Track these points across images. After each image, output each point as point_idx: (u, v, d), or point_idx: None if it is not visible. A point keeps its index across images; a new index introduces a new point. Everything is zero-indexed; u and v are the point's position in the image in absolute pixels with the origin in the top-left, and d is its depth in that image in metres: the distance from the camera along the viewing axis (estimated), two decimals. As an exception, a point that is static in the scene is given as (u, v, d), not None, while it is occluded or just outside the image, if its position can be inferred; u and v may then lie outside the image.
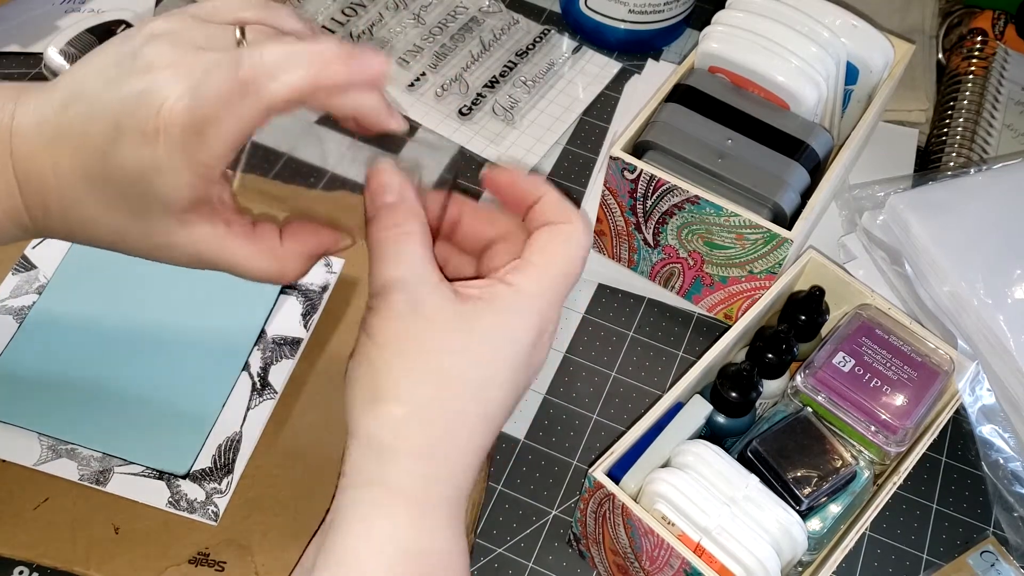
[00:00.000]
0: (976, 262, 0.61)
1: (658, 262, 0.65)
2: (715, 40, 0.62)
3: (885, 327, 0.56)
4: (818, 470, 0.50)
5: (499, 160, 0.73)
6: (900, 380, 0.54)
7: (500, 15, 0.81)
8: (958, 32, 0.81)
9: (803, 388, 0.55)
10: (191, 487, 0.54)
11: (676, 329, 0.66)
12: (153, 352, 0.58)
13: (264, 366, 0.58)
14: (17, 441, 0.54)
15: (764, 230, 0.57)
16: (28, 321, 0.58)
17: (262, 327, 0.59)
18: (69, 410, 0.55)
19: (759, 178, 0.59)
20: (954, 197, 0.65)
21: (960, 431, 0.63)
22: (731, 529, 0.46)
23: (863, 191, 0.68)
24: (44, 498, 0.53)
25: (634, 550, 0.50)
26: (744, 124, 0.61)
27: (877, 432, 0.53)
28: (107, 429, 0.55)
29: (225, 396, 0.57)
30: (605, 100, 0.78)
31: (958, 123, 0.74)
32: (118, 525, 0.53)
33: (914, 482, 0.61)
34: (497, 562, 0.56)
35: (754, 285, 0.61)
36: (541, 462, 0.60)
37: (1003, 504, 0.59)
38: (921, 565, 0.58)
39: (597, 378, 0.64)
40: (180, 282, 0.61)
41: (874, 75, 0.65)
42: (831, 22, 0.62)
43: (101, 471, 0.54)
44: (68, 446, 0.54)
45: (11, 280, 0.60)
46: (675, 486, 0.47)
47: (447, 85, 0.76)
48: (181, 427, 0.55)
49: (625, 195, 0.61)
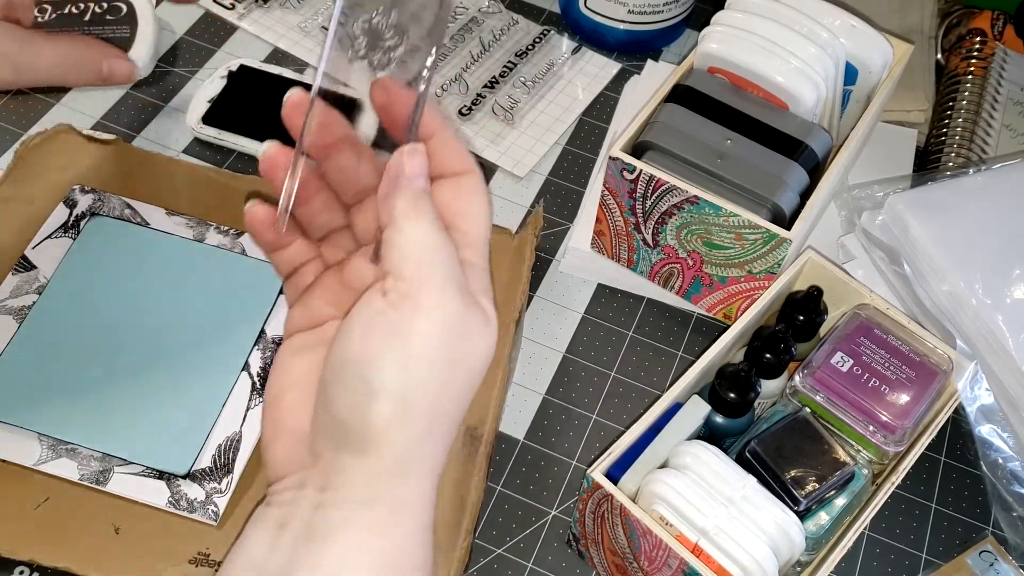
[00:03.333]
0: (975, 262, 0.61)
1: (657, 262, 0.65)
2: (714, 40, 0.63)
3: (884, 327, 0.56)
4: (816, 470, 0.51)
5: (500, 161, 0.73)
6: (899, 380, 0.54)
7: (500, 16, 0.81)
8: (957, 32, 0.81)
9: (801, 388, 0.55)
10: (191, 487, 0.54)
11: (675, 329, 0.66)
12: (153, 352, 0.58)
13: (264, 366, 0.58)
14: (17, 441, 0.54)
15: (763, 230, 0.57)
16: (28, 321, 0.58)
17: (262, 327, 0.59)
18: (69, 410, 0.55)
19: (758, 178, 0.59)
20: (953, 197, 0.65)
21: (959, 431, 0.63)
22: (729, 529, 0.46)
23: (862, 191, 0.68)
24: (45, 498, 0.53)
25: (632, 550, 0.50)
26: (743, 124, 0.61)
27: (876, 432, 0.53)
28: (107, 429, 0.55)
29: (225, 396, 0.57)
30: (604, 100, 0.78)
31: (957, 123, 0.74)
32: (119, 525, 0.53)
33: (913, 482, 0.61)
34: (497, 562, 0.56)
35: (753, 285, 0.61)
36: (540, 462, 0.60)
37: (1002, 504, 0.59)
38: (920, 565, 0.58)
39: (596, 378, 0.64)
40: (180, 282, 0.61)
41: (873, 75, 0.65)
42: (830, 23, 0.62)
43: (101, 471, 0.54)
44: (68, 446, 0.54)
45: (11, 280, 0.60)
46: (673, 487, 0.48)
47: (447, 85, 0.76)
48: (181, 427, 0.55)
49: (624, 195, 0.61)
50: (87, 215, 0.63)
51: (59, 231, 0.62)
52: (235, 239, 0.63)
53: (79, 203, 0.63)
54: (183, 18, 0.79)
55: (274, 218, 0.41)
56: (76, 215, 0.63)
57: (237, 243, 0.63)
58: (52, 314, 0.59)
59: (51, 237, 0.62)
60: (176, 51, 0.77)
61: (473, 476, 0.55)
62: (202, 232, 0.63)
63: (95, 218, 0.63)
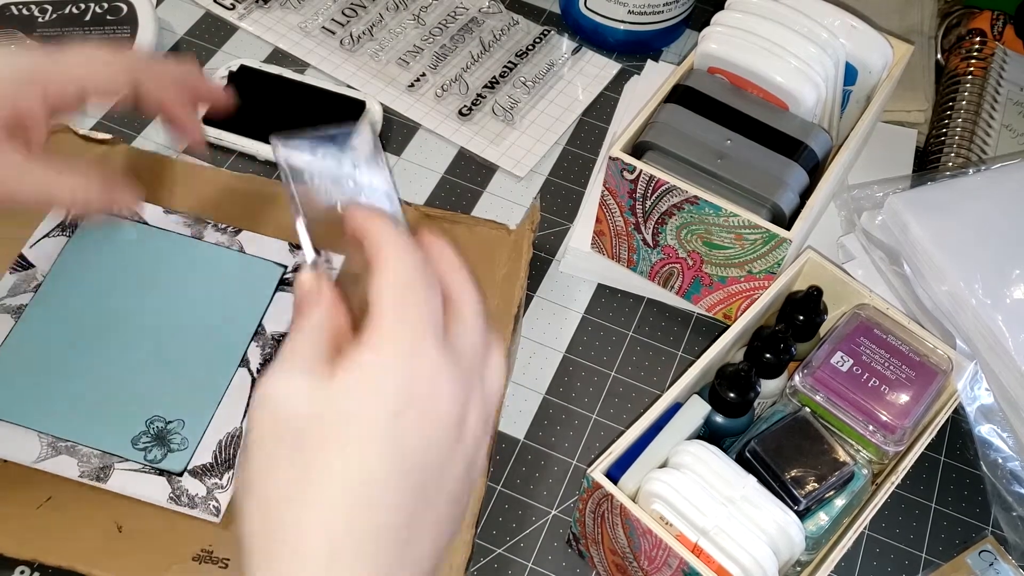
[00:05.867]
0: (975, 262, 0.61)
1: (657, 262, 0.65)
2: (714, 41, 0.63)
3: (883, 327, 0.56)
4: (816, 470, 0.51)
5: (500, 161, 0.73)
6: (898, 380, 0.54)
7: (500, 16, 0.81)
8: (957, 33, 0.81)
9: (801, 388, 0.55)
10: (192, 482, 0.54)
11: (675, 329, 0.66)
12: (151, 349, 0.58)
13: (263, 362, 0.58)
14: (17, 439, 0.54)
15: (763, 230, 0.57)
16: (24, 319, 0.58)
17: (259, 323, 0.60)
18: (67, 407, 0.55)
19: (758, 178, 0.59)
20: (953, 197, 0.65)
21: (959, 430, 0.63)
22: (729, 529, 0.47)
23: (862, 191, 0.68)
24: (47, 497, 0.53)
25: (632, 550, 0.50)
26: (743, 125, 0.61)
27: (875, 432, 0.53)
28: (105, 425, 0.55)
29: (223, 392, 0.57)
30: (604, 101, 0.78)
31: (957, 123, 0.74)
32: (121, 524, 0.53)
33: (913, 481, 0.61)
34: (497, 562, 0.56)
35: (753, 285, 0.61)
36: (540, 462, 0.60)
37: (1002, 503, 0.59)
38: (920, 564, 0.58)
39: (596, 378, 0.64)
40: (178, 279, 0.61)
41: (873, 76, 0.65)
42: (830, 23, 0.62)
43: (101, 467, 0.54)
44: (67, 443, 0.54)
45: (9, 279, 0.60)
46: (673, 486, 0.48)
47: (447, 86, 0.76)
48: (179, 423, 0.55)
49: (624, 195, 0.61)
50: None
51: (56, 230, 0.62)
52: (233, 236, 0.63)
53: (79, 202, 0.63)
54: (183, 18, 0.79)
55: None
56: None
57: (235, 240, 0.63)
58: (49, 312, 0.59)
59: (48, 236, 0.62)
60: (176, 51, 0.77)
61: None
62: (200, 230, 0.63)
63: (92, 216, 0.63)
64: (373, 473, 0.32)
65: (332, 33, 0.78)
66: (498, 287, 0.62)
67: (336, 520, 0.32)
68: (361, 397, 0.33)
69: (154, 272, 0.61)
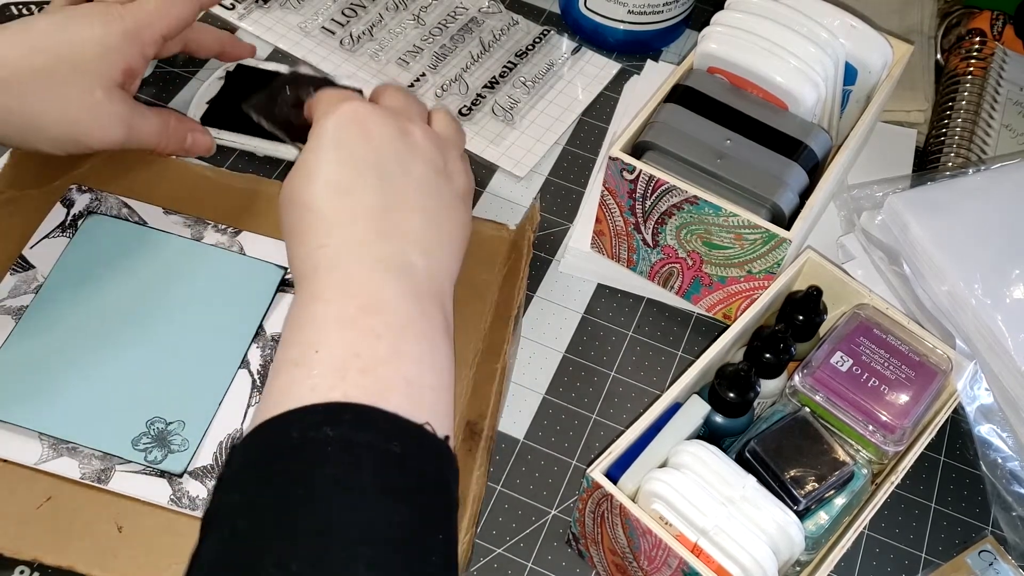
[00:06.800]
0: (974, 262, 0.61)
1: (657, 262, 0.65)
2: (714, 41, 0.63)
3: (883, 327, 0.56)
4: (816, 470, 0.51)
5: (500, 161, 0.73)
6: (898, 379, 0.54)
7: (500, 16, 0.81)
8: (957, 32, 0.81)
9: (801, 388, 0.55)
10: (193, 484, 0.54)
11: (675, 329, 0.66)
12: (151, 350, 0.58)
13: (264, 363, 0.58)
14: (18, 440, 0.54)
15: (763, 230, 0.57)
16: (25, 320, 0.58)
17: (259, 324, 0.60)
18: (68, 408, 0.55)
19: (758, 178, 0.59)
20: (952, 197, 0.65)
21: (958, 430, 0.63)
22: (728, 529, 0.47)
23: (861, 191, 0.68)
24: (47, 497, 0.53)
25: (632, 550, 0.50)
26: (743, 124, 0.61)
27: (875, 431, 0.53)
28: (106, 427, 0.55)
29: (222, 393, 0.57)
30: (604, 101, 0.78)
31: (956, 123, 0.74)
32: (122, 524, 0.53)
33: (912, 481, 0.61)
34: (497, 562, 0.56)
35: (753, 285, 0.61)
36: (540, 462, 0.60)
37: (1001, 503, 0.59)
38: (920, 564, 0.58)
39: (596, 378, 0.64)
40: (178, 280, 0.61)
41: (873, 75, 0.65)
42: (830, 23, 0.62)
43: (102, 469, 0.54)
44: (69, 444, 0.54)
45: (9, 280, 0.60)
46: (672, 486, 0.48)
47: (447, 86, 0.76)
48: (179, 425, 0.55)
49: (624, 195, 0.61)
50: (84, 214, 0.63)
51: (56, 230, 0.62)
52: (233, 237, 0.63)
53: (76, 202, 0.63)
54: (183, 18, 0.79)
55: None
56: (73, 214, 0.63)
57: (235, 241, 0.63)
58: (50, 313, 0.59)
59: (49, 237, 0.62)
60: (176, 51, 0.77)
61: (474, 470, 0.55)
62: (200, 231, 0.63)
63: (92, 217, 0.63)
64: (343, 167, 0.49)
65: (332, 33, 0.78)
66: (498, 287, 0.62)
67: (328, 193, 0.48)
68: (318, 137, 0.50)
69: (155, 273, 0.61)
